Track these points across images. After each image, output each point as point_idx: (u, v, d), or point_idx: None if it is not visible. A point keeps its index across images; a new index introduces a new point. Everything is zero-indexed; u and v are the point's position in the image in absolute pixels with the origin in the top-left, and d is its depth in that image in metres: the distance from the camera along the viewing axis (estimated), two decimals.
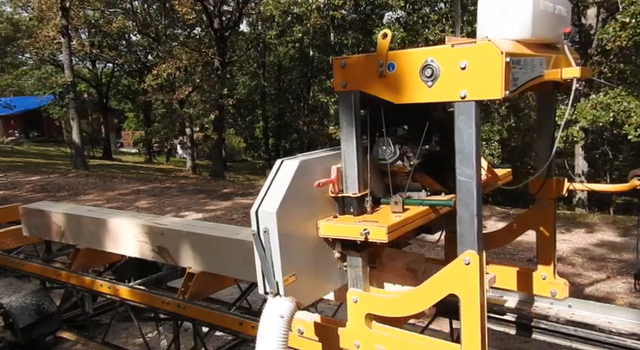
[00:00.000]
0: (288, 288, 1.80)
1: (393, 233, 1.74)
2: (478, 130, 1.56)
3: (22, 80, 32.29)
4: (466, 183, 1.59)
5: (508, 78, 1.51)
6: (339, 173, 1.90)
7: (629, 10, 11.58)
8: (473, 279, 1.60)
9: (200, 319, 2.60)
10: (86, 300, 3.47)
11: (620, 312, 2.33)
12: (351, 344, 1.91)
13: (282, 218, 1.77)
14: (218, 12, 20.25)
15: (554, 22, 1.89)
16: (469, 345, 1.63)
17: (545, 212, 2.33)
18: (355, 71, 1.77)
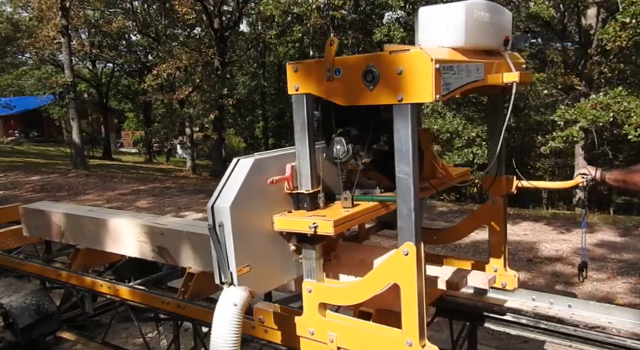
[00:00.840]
0: (241, 278, 1.92)
1: (339, 226, 1.87)
2: (414, 130, 1.68)
3: (22, 80, 32.27)
4: (404, 180, 1.71)
5: (439, 83, 1.63)
6: (293, 171, 2.01)
7: (629, 10, 11.57)
8: (411, 268, 1.73)
9: (200, 319, 2.60)
10: (86, 300, 3.47)
11: (620, 312, 2.34)
12: (306, 331, 2.04)
13: (236, 213, 1.89)
14: (218, 12, 20.25)
15: (492, 31, 2.01)
16: (408, 329, 1.77)
17: (496, 208, 2.45)
18: (307, 76, 1.89)
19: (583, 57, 15.28)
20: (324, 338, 1.99)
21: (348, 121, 2.02)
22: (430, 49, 1.66)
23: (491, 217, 2.46)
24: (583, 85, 14.82)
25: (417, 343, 1.76)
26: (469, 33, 1.89)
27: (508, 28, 2.10)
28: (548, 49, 20.29)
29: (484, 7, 1.97)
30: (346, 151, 2.00)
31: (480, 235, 7.00)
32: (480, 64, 1.91)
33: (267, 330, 2.21)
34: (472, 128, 14.67)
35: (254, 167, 1.96)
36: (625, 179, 2.54)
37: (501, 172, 2.41)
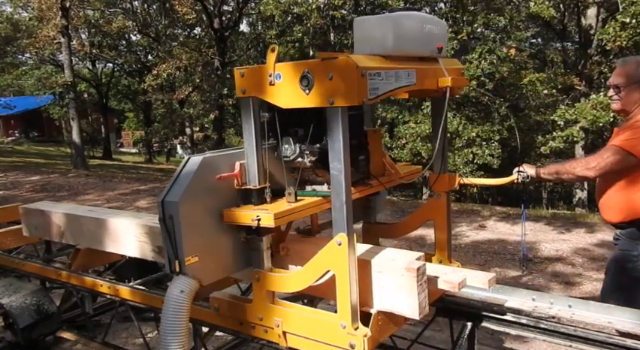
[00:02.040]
0: (189, 267, 2.07)
1: (280, 219, 2.03)
2: (345, 131, 1.83)
3: (22, 80, 32.31)
4: (337, 176, 1.86)
5: (365, 87, 1.80)
6: (241, 169, 2.16)
7: (629, 10, 11.59)
8: (344, 257, 1.89)
9: (200, 319, 2.60)
10: (86, 300, 3.46)
11: (620, 312, 2.34)
12: (255, 318, 2.21)
13: (185, 207, 2.03)
14: (218, 12, 20.26)
15: (424, 40, 2.16)
16: (343, 314, 1.95)
17: (440, 203, 2.61)
18: (252, 80, 2.03)
19: (583, 57, 15.30)
20: (271, 323, 2.16)
21: (296, 122, 2.15)
22: (357, 57, 1.83)
23: (436, 212, 2.63)
24: (583, 85, 14.83)
25: (349, 325, 1.94)
26: (399, 42, 2.05)
27: (441, 37, 2.25)
28: (548, 49, 20.31)
29: (415, 18, 2.14)
30: (294, 150, 2.17)
31: (480, 235, 7.01)
32: (412, 70, 2.08)
33: (222, 317, 2.39)
34: (472, 128, 14.68)
35: (202, 164, 2.10)
36: (557, 170, 2.71)
37: (444, 169, 2.57)
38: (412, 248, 6.22)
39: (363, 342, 1.93)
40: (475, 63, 14.49)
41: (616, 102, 2.68)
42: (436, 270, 2.37)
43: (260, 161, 2.14)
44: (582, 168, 2.62)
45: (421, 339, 2.79)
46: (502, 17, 15.23)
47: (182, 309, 2.08)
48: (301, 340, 2.12)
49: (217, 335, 3.04)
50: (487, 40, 15.07)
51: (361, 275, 2.04)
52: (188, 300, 2.09)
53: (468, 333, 2.47)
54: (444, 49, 2.24)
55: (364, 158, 2.37)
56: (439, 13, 16.33)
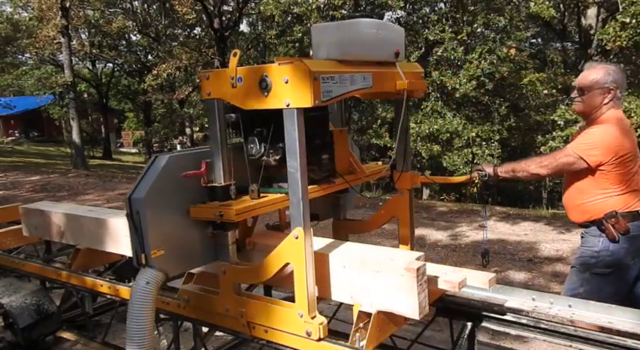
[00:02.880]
0: (155, 260, 2.17)
1: (241, 214, 2.15)
2: (301, 131, 1.93)
3: (22, 80, 32.29)
4: (293, 174, 1.97)
5: (318, 90, 1.89)
6: (207, 167, 2.25)
7: (629, 10, 11.58)
8: (301, 250, 2.00)
9: (200, 319, 2.61)
10: (86, 300, 3.46)
11: (620, 312, 2.33)
12: (222, 309, 2.31)
13: (150, 203, 2.13)
14: (218, 12, 20.26)
15: (381, 45, 2.26)
16: (300, 303, 2.06)
17: (403, 200, 2.72)
18: (216, 83, 2.13)
19: (583, 57, 15.28)
20: (236, 314, 2.26)
21: (261, 122, 2.26)
22: (310, 62, 1.93)
23: (400, 208, 2.73)
24: None
25: (306, 314, 2.05)
26: (354, 47, 2.16)
27: (399, 43, 2.35)
28: (548, 49, 20.30)
29: (370, 24, 2.24)
30: (259, 149, 2.27)
31: (480, 235, 7.00)
32: (368, 74, 2.18)
33: (192, 309, 2.49)
34: (472, 128, 14.68)
35: (168, 162, 2.21)
36: (514, 168, 2.87)
37: (407, 168, 2.68)
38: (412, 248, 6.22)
39: (319, 330, 2.04)
40: (475, 63, 14.49)
41: (578, 104, 2.80)
42: (436, 270, 2.37)
43: (225, 159, 2.23)
44: (536, 166, 2.79)
45: (421, 339, 2.79)
46: (502, 17, 15.22)
47: (148, 299, 2.19)
48: (264, 329, 2.24)
49: (217, 335, 3.04)
50: (487, 40, 15.06)
51: (320, 267, 2.16)
52: (154, 291, 2.20)
53: (468, 333, 2.47)
54: (401, 53, 2.34)
55: (328, 157, 2.47)
56: (439, 13, 16.31)
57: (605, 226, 2.67)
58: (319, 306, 3.35)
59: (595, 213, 2.70)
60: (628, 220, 2.65)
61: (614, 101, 2.72)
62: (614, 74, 2.72)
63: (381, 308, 2.09)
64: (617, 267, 2.69)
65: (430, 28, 15.75)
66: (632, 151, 2.64)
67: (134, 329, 2.18)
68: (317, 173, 2.39)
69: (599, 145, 2.63)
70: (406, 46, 16.89)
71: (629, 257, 2.68)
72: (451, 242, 6.69)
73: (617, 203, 2.66)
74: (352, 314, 2.17)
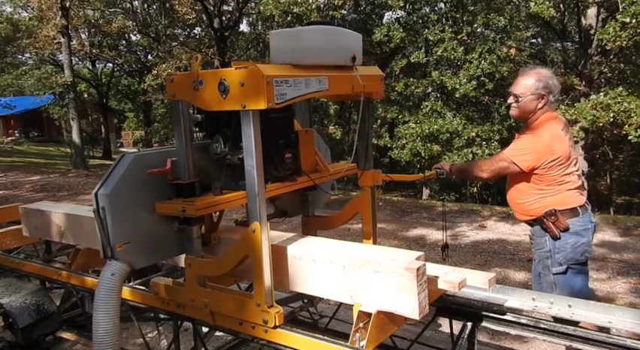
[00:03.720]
0: (120, 253, 2.29)
1: (202, 210, 2.26)
2: (256, 131, 2.05)
3: (22, 80, 32.26)
4: (250, 172, 2.09)
5: (272, 93, 2.01)
6: (172, 165, 2.35)
7: (629, 10, 11.57)
8: (258, 242, 2.12)
9: (200, 319, 2.61)
10: (86, 300, 3.46)
11: (620, 312, 2.34)
12: (188, 299, 2.45)
13: (116, 199, 2.24)
14: (218, 12, 20.24)
15: (337, 50, 2.38)
16: (258, 293, 2.19)
17: (366, 197, 2.84)
18: (180, 85, 2.24)
19: (583, 57, 15.28)
20: (201, 304, 2.39)
21: (225, 122, 2.35)
22: (264, 67, 2.05)
23: (362, 205, 2.86)
24: (583, 85, 14.82)
25: (263, 304, 2.17)
26: (309, 53, 2.27)
27: (355, 48, 2.45)
28: (548, 49, 20.29)
29: (326, 31, 2.36)
30: (223, 148, 2.38)
31: (480, 235, 7.00)
32: (323, 77, 2.28)
33: (162, 300, 2.62)
34: (472, 128, 14.67)
35: (134, 160, 2.32)
36: (462, 169, 3.12)
37: (369, 167, 2.79)
38: (411, 248, 6.22)
39: (275, 318, 2.16)
40: (475, 63, 14.49)
41: (514, 110, 2.90)
42: (436, 270, 2.37)
43: (189, 158, 2.34)
44: (477, 170, 2.98)
45: (421, 339, 2.79)
46: (502, 17, 15.21)
47: (113, 289, 2.30)
48: (226, 318, 2.38)
49: (217, 335, 3.05)
50: (487, 40, 15.06)
51: (277, 260, 2.30)
52: (119, 282, 2.31)
53: (468, 333, 2.47)
54: (358, 58, 2.44)
55: (291, 156, 2.58)
56: (439, 13, 16.30)
57: (546, 224, 2.80)
58: (320, 305, 3.36)
59: (535, 212, 2.83)
60: (567, 217, 2.79)
61: (548, 105, 2.81)
62: (546, 80, 2.79)
63: (381, 308, 2.09)
64: (571, 263, 2.81)
65: (430, 28, 15.74)
66: (563, 154, 2.73)
67: (101, 318, 2.30)
68: (281, 171, 2.52)
69: (530, 150, 2.74)
70: (406, 46, 16.90)
71: (580, 252, 2.83)
72: (451, 242, 6.69)
73: (554, 201, 2.78)
74: (352, 314, 2.17)
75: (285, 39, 2.31)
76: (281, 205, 3.07)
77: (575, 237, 2.81)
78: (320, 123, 20.59)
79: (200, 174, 2.40)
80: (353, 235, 6.96)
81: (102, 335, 2.29)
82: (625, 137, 12.36)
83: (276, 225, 2.91)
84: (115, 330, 2.32)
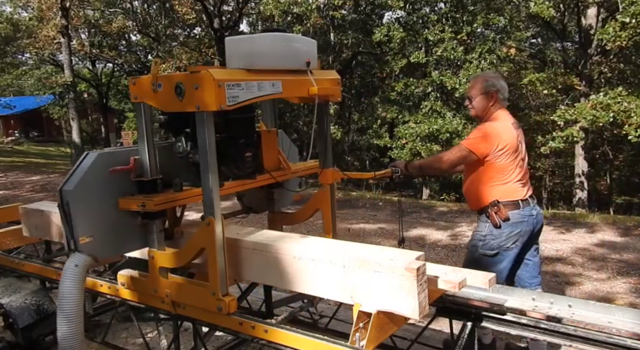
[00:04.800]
0: (84, 246, 2.40)
1: (160, 205, 2.40)
2: (210, 131, 2.19)
3: (22, 80, 32.28)
4: (205, 169, 2.22)
5: (223, 96, 2.14)
6: (135, 163, 2.48)
7: (628, 10, 11.57)
8: (212, 235, 2.26)
9: (200, 319, 2.61)
10: (85, 300, 3.46)
11: (620, 312, 2.34)
12: (152, 290, 2.60)
13: (79, 195, 2.36)
14: (218, 12, 20.25)
15: (291, 55, 2.50)
16: (213, 283, 2.33)
17: (325, 194, 2.97)
18: (141, 88, 2.38)
19: (583, 57, 15.28)
20: (163, 294, 2.55)
21: (187, 122, 2.45)
22: (216, 71, 2.17)
23: (323, 201, 2.99)
24: (583, 85, 14.82)
25: (218, 292, 2.32)
26: (263, 58, 2.39)
27: (309, 53, 2.59)
28: (548, 49, 20.29)
29: (279, 38, 2.48)
30: (185, 147, 2.50)
31: None
32: (277, 81, 2.42)
33: (128, 291, 2.77)
34: (472, 128, 14.67)
35: (97, 159, 2.44)
36: (420, 165, 3.34)
37: (328, 165, 2.91)
38: (411, 248, 6.22)
39: (228, 305, 2.32)
40: (475, 63, 14.50)
41: (471, 110, 3.25)
42: (436, 269, 2.37)
43: (152, 156, 2.48)
44: (437, 162, 3.24)
45: (421, 339, 2.79)
46: (502, 17, 15.22)
47: (76, 280, 2.42)
48: (185, 307, 2.54)
49: (217, 335, 3.05)
50: (487, 40, 15.06)
51: (232, 251, 2.45)
52: (82, 273, 2.43)
53: (468, 333, 2.47)
54: (312, 63, 2.59)
55: (251, 155, 2.74)
56: (439, 13, 16.30)
57: (489, 213, 3.06)
58: (320, 305, 3.36)
59: (483, 202, 3.09)
60: (509, 208, 3.03)
61: (498, 101, 3.14)
62: (492, 80, 3.14)
63: (381, 308, 2.09)
64: (500, 249, 3.06)
65: (430, 28, 15.75)
66: (511, 144, 3.00)
67: (65, 308, 2.41)
68: (241, 169, 2.68)
69: (483, 138, 3.03)
70: (406, 46, 16.89)
71: (511, 241, 3.05)
72: (451, 242, 6.69)
73: (500, 193, 3.04)
74: (352, 314, 2.17)
75: (239, 45, 2.44)
76: (247, 202, 3.25)
77: (511, 227, 3.04)
78: None
79: (165, 172, 2.54)
80: (353, 235, 6.96)
81: (66, 325, 2.41)
82: (625, 137, 12.37)
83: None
84: (79, 318, 2.44)
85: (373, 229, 7.48)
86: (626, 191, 21.80)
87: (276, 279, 2.43)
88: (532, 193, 3.16)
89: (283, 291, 3.26)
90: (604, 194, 20.19)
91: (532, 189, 3.19)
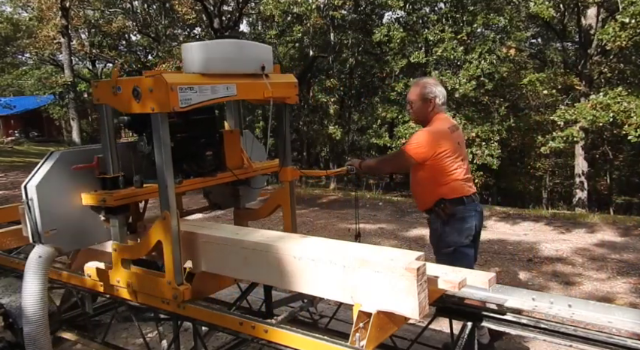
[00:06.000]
0: (48, 238, 2.56)
1: (119, 201, 2.54)
2: (165, 132, 2.34)
3: (22, 80, 32.28)
4: (160, 167, 2.37)
5: (175, 98, 2.28)
6: (98, 161, 2.63)
7: (628, 10, 11.58)
8: (168, 228, 2.42)
9: (200, 319, 2.61)
10: (86, 300, 3.46)
11: (620, 312, 2.34)
12: (115, 281, 2.75)
13: (42, 191, 2.51)
14: (218, 12, 20.25)
15: (245, 60, 2.65)
16: (169, 273, 2.50)
17: (285, 191, 3.11)
18: (102, 91, 2.53)
19: (583, 57, 15.29)
20: (125, 284, 2.71)
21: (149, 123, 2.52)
22: (169, 75, 2.32)
23: (283, 198, 3.13)
24: (583, 85, 14.83)
25: (173, 282, 2.49)
26: (217, 63, 2.53)
27: (264, 58, 2.73)
28: (548, 49, 20.30)
29: (233, 44, 2.64)
30: (147, 146, 2.62)
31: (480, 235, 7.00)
32: (232, 84, 2.56)
33: (94, 282, 2.93)
34: (472, 128, 14.67)
35: (61, 157, 2.59)
36: (370, 165, 3.43)
37: (287, 163, 3.05)
38: (411, 248, 6.22)
39: (182, 293, 2.48)
40: (474, 63, 14.49)
41: (412, 114, 3.40)
42: (436, 269, 2.37)
43: (114, 155, 2.62)
44: (383, 164, 3.43)
45: (421, 339, 2.79)
46: (501, 17, 15.21)
47: (40, 269, 2.56)
48: (145, 296, 2.70)
49: (217, 335, 3.05)
50: (487, 40, 15.06)
51: (188, 244, 2.63)
52: (45, 264, 2.57)
53: (468, 333, 2.47)
54: (268, 67, 2.74)
55: (212, 154, 2.91)
56: (439, 13, 16.30)
57: (436, 211, 3.20)
58: (320, 305, 3.36)
59: (429, 202, 3.23)
60: (454, 205, 3.15)
61: (436, 107, 3.25)
62: (430, 87, 3.25)
63: (381, 308, 2.09)
64: (456, 245, 3.17)
65: (430, 28, 15.75)
66: (449, 148, 3.13)
67: (28, 297, 2.54)
68: (202, 167, 2.85)
69: (422, 144, 3.15)
70: (406, 46, 16.88)
71: (463, 236, 3.17)
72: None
73: (444, 191, 3.17)
74: (352, 314, 2.17)
75: (194, 51, 2.56)
76: (214, 198, 3.43)
77: (459, 223, 3.17)
78: (320, 123, 20.62)
79: (129, 169, 2.68)
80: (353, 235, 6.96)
81: (30, 312, 2.53)
82: (625, 137, 12.37)
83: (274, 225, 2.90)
84: (42, 306, 2.57)
85: (373, 229, 7.48)
86: (626, 191, 21.80)
87: (276, 279, 2.43)
88: (474, 190, 3.30)
89: (283, 291, 3.25)
90: (604, 194, 20.19)
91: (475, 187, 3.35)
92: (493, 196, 19.51)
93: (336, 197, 10.66)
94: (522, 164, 21.46)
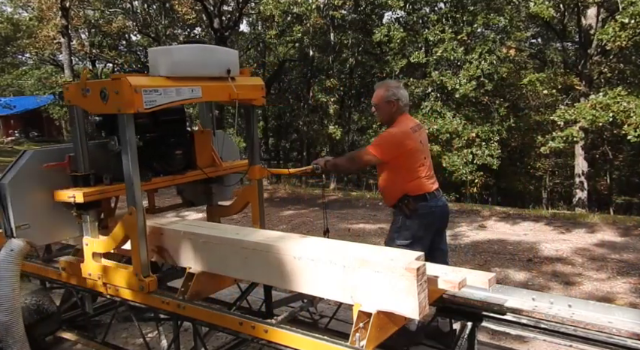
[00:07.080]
0: (20, 233, 2.71)
1: (88, 197, 2.67)
2: (131, 131, 2.48)
3: (22, 80, 32.24)
4: (126, 165, 2.51)
5: (140, 100, 2.43)
6: (70, 159, 2.77)
7: (628, 10, 11.57)
8: (134, 223, 2.58)
9: (200, 319, 2.61)
10: (85, 300, 3.46)
11: (620, 312, 2.34)
12: (87, 274, 2.92)
13: (14, 188, 2.65)
14: (218, 12, 20.22)
15: (210, 64, 2.76)
16: (136, 265, 2.67)
17: (253, 188, 3.28)
18: (73, 93, 2.67)
19: (583, 57, 15.27)
20: (96, 277, 2.88)
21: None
22: (134, 78, 2.47)
23: (251, 195, 3.28)
24: (583, 85, 14.82)
25: (140, 274, 2.66)
26: (181, 67, 2.64)
27: (230, 62, 2.85)
28: (548, 49, 20.29)
29: (198, 48, 2.78)
30: (118, 146, 2.65)
31: (480, 235, 7.01)
32: (197, 87, 2.69)
33: (67, 275, 3.11)
34: (472, 128, 14.66)
35: (32, 156, 2.72)
36: (335, 163, 3.50)
37: (256, 162, 3.21)
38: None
39: (148, 285, 2.65)
40: (475, 63, 14.48)
41: (377, 116, 3.50)
42: (436, 269, 2.37)
43: (85, 154, 2.75)
44: (348, 162, 3.52)
45: None
46: (502, 17, 15.20)
47: (12, 261, 2.69)
48: (114, 288, 2.85)
49: (217, 335, 3.05)
50: (487, 41, 15.05)
51: (154, 238, 2.80)
52: (17, 256, 2.71)
53: (468, 333, 2.47)
54: (233, 71, 2.85)
55: (181, 153, 3.04)
56: (439, 13, 16.29)
57: (400, 207, 3.30)
58: (320, 305, 3.37)
59: (395, 198, 3.33)
60: (418, 201, 3.26)
61: (399, 108, 3.34)
62: (393, 89, 3.34)
63: (381, 308, 2.09)
64: (414, 238, 3.25)
65: (430, 28, 15.74)
66: (412, 148, 3.24)
67: (3, 286, 2.68)
68: (172, 165, 3.00)
69: (386, 144, 3.26)
70: (406, 46, 16.87)
71: (422, 230, 3.28)
72: (451, 242, 6.69)
73: (408, 188, 3.27)
74: (352, 314, 2.17)
75: (159, 56, 2.67)
76: (187, 196, 3.59)
77: (421, 218, 3.26)
78: (320, 123, 20.61)
79: (101, 168, 2.81)
80: (353, 235, 6.96)
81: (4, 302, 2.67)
82: (625, 137, 12.36)
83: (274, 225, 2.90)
84: (15, 296, 2.72)
85: (373, 229, 7.48)
86: (626, 191, 21.79)
87: (276, 279, 2.43)
88: (437, 187, 3.42)
89: (283, 291, 3.26)
90: (604, 194, 20.18)
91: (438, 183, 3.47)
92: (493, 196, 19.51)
93: (336, 197, 10.66)
94: (522, 164, 21.44)
